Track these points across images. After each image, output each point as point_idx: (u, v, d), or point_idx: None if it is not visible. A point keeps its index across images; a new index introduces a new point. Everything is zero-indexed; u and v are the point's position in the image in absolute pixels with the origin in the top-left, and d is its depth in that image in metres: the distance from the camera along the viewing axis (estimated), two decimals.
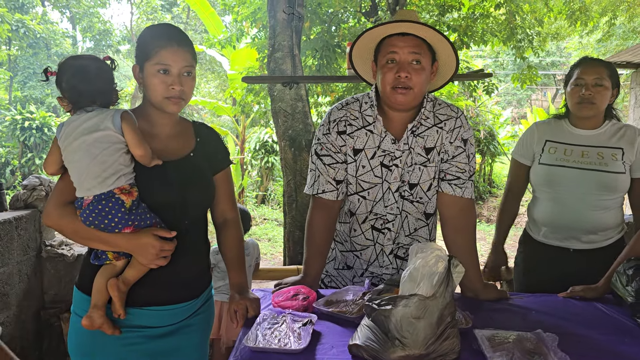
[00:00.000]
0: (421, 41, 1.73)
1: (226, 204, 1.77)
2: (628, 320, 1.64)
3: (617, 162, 2.10)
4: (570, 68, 2.22)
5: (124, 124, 1.46)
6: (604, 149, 2.13)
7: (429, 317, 1.27)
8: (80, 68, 1.49)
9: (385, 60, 1.75)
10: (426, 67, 1.75)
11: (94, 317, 1.46)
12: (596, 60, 2.17)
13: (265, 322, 1.54)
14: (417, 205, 1.92)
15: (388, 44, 1.75)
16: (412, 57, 1.72)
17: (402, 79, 1.71)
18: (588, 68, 2.13)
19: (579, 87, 2.12)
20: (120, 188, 1.45)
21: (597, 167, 2.10)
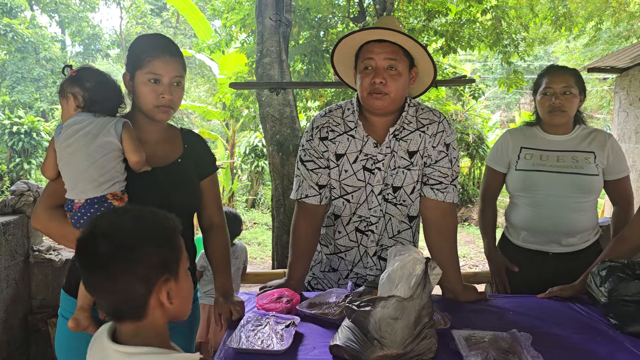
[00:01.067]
0: (398, 47, 1.78)
1: (213, 209, 1.81)
2: (601, 319, 1.69)
3: (590, 164, 2.17)
4: (538, 76, 2.28)
5: (124, 132, 1.51)
6: (577, 153, 2.20)
7: (406, 318, 1.32)
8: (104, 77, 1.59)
9: (363, 66, 1.80)
10: (403, 72, 1.79)
11: (79, 319, 1.48)
12: (563, 68, 2.23)
13: (249, 324, 1.57)
14: (400, 208, 1.97)
15: (366, 50, 1.80)
16: (387, 63, 1.76)
17: (377, 85, 1.76)
18: (556, 77, 2.19)
19: (548, 96, 2.19)
20: (113, 194, 1.48)
21: (573, 170, 2.16)
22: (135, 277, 1.02)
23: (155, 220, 1.08)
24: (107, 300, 1.06)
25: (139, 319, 1.05)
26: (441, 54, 7.59)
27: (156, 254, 1.04)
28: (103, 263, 1.01)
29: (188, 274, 1.13)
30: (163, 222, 1.09)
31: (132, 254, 1.02)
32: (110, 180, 1.47)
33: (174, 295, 1.07)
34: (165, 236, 1.08)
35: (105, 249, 1.01)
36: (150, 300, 1.04)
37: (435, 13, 7.25)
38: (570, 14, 7.72)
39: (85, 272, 1.05)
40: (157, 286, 1.04)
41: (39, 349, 3.03)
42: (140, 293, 1.03)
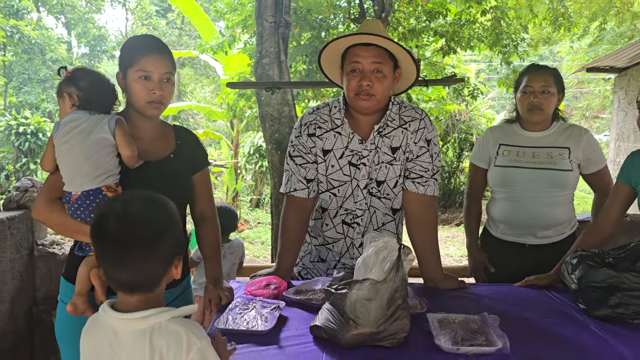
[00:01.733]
0: (383, 50, 1.87)
1: (204, 202, 1.91)
2: (571, 305, 1.78)
3: (564, 160, 2.26)
4: (519, 75, 2.37)
5: (116, 128, 1.61)
6: (552, 149, 2.29)
7: (379, 299, 1.41)
8: (98, 77, 1.69)
9: (350, 68, 1.89)
10: (388, 74, 1.88)
11: (77, 304, 1.58)
12: (543, 68, 2.32)
13: (237, 308, 1.68)
14: (384, 201, 2.06)
15: (352, 53, 1.89)
16: (374, 67, 1.86)
17: (364, 87, 1.86)
18: (535, 76, 2.28)
19: (527, 94, 2.28)
20: (107, 186, 1.59)
21: (547, 165, 2.25)
22: (161, 258, 1.19)
23: (169, 205, 1.25)
24: (130, 275, 1.18)
25: (151, 290, 1.20)
26: (441, 55, 7.67)
27: (176, 237, 1.22)
28: (137, 244, 1.16)
29: None
30: (173, 207, 1.26)
31: (163, 237, 1.18)
32: (105, 174, 1.58)
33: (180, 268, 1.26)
34: (177, 220, 1.25)
35: (140, 232, 1.15)
36: (165, 275, 1.22)
37: (435, 14, 7.34)
38: (569, 15, 7.78)
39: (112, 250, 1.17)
40: (174, 262, 1.22)
41: (42, 339, 3.14)
42: (160, 270, 1.20)
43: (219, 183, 12.73)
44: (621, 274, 1.67)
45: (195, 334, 1.16)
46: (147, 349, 1.14)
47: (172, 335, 1.14)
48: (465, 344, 1.40)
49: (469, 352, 1.38)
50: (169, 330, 1.15)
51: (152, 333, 1.15)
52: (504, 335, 1.43)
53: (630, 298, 1.64)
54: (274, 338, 1.50)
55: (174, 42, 21.18)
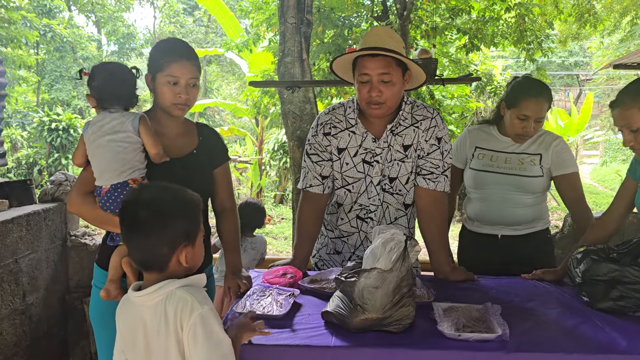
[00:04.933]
0: (390, 59, 1.93)
1: (224, 195, 2.04)
2: (575, 297, 1.85)
3: (535, 166, 2.34)
4: (515, 88, 2.30)
5: (141, 127, 1.74)
6: (524, 155, 2.36)
7: (386, 287, 1.51)
8: (110, 73, 1.79)
9: (359, 78, 1.98)
10: (397, 81, 1.96)
11: (110, 290, 1.72)
12: (540, 93, 2.25)
13: (255, 295, 1.79)
14: (396, 197, 2.16)
15: (360, 64, 1.97)
16: (381, 77, 1.94)
17: (374, 97, 1.95)
18: (533, 104, 2.23)
19: (520, 121, 2.27)
20: (133, 179, 1.72)
21: (517, 172, 2.34)
22: (163, 240, 1.33)
23: (186, 198, 1.40)
24: (140, 254, 1.37)
25: (162, 270, 1.36)
26: (465, 52, 7.68)
27: (182, 225, 1.35)
28: (141, 225, 1.33)
29: (202, 242, 1.43)
30: (190, 199, 1.41)
31: (165, 222, 1.33)
32: (130, 169, 1.71)
33: (190, 258, 1.38)
34: (190, 210, 1.39)
35: (145, 215, 1.33)
36: (172, 259, 1.35)
37: (458, 11, 7.35)
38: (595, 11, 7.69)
39: (127, 229, 1.37)
40: (178, 249, 1.35)
41: (75, 325, 3.32)
42: (165, 252, 1.34)
43: (243, 179, 12.94)
44: (623, 268, 1.74)
45: (199, 300, 1.30)
46: (162, 315, 1.30)
47: (180, 301, 1.29)
48: (467, 331, 1.49)
49: (469, 338, 1.46)
50: (177, 297, 1.30)
51: (166, 302, 1.30)
52: (505, 324, 1.51)
53: (632, 291, 1.70)
54: (288, 322, 1.61)
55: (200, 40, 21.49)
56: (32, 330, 3.01)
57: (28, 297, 2.97)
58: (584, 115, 14.87)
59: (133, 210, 1.35)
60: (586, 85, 25.34)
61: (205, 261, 1.99)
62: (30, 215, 2.97)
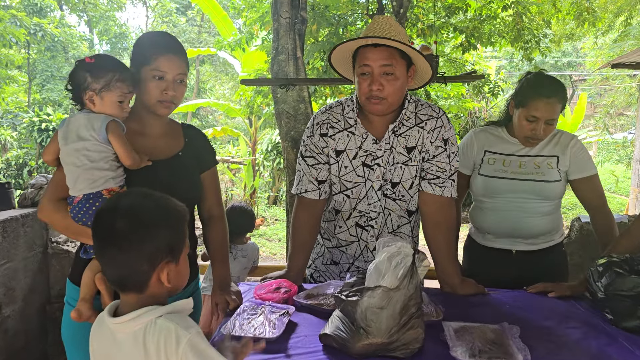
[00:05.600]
0: (394, 50, 1.77)
1: (212, 201, 1.86)
2: (598, 315, 1.69)
3: (552, 170, 2.12)
4: (525, 86, 2.10)
5: (110, 136, 1.53)
6: (540, 158, 2.15)
7: (392, 308, 1.34)
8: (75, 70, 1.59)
9: (360, 71, 1.81)
10: (400, 75, 1.79)
11: (82, 310, 1.54)
12: (552, 92, 2.04)
13: (245, 313, 1.62)
14: (399, 203, 1.99)
15: (361, 55, 1.80)
16: (383, 69, 1.77)
17: (374, 91, 1.78)
18: (543, 105, 2.02)
19: (530, 122, 2.06)
20: (108, 189, 1.54)
21: (534, 177, 2.12)
22: (142, 255, 1.14)
23: (170, 208, 1.20)
24: (114, 271, 1.17)
25: (140, 291, 1.16)
26: (461, 51, 7.53)
27: (165, 238, 1.16)
28: (118, 237, 1.13)
29: (187, 259, 1.24)
30: (176, 210, 1.21)
31: (144, 234, 1.13)
32: (103, 178, 1.52)
33: (172, 276, 1.18)
34: (174, 223, 1.19)
35: (123, 225, 1.13)
36: (152, 277, 1.15)
37: (454, 9, 7.21)
38: (594, 10, 7.57)
39: (100, 242, 1.17)
40: (159, 266, 1.16)
41: (56, 337, 3.12)
42: (144, 269, 1.14)
43: (236, 180, 12.76)
44: None
45: (184, 326, 1.12)
46: (142, 349, 1.11)
47: (162, 332, 1.11)
48: (484, 357, 1.33)
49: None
50: (159, 327, 1.11)
51: (145, 332, 1.12)
52: (525, 348, 1.35)
53: None
54: (282, 346, 1.44)
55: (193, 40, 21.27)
56: (8, 345, 2.82)
57: (4, 309, 2.78)
58: (577, 115, 14.78)
59: (108, 220, 1.16)
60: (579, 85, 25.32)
61: (191, 275, 1.81)
62: (6, 222, 2.78)
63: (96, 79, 1.54)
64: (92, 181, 1.51)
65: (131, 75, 1.60)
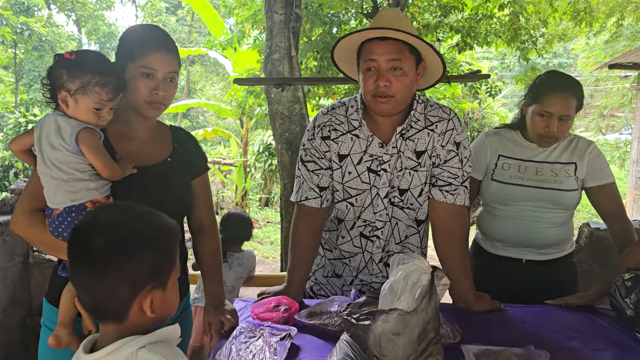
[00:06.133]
0: (402, 44, 1.63)
1: (203, 210, 1.71)
2: (627, 334, 1.55)
3: (570, 178, 2.01)
4: (538, 83, 2.01)
5: (82, 147, 1.36)
6: (557, 165, 2.03)
7: (409, 333, 1.19)
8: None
9: (365, 67, 1.67)
10: (409, 71, 1.65)
11: (60, 336, 1.38)
12: (566, 87, 1.96)
13: (242, 336, 1.46)
14: (407, 212, 1.84)
15: (367, 49, 1.66)
16: (391, 64, 1.63)
17: (381, 88, 1.63)
18: (557, 100, 1.93)
19: (544, 118, 1.96)
20: (92, 201, 1.37)
21: (552, 185, 2.00)
22: (123, 279, 0.97)
23: (157, 224, 1.04)
24: (89, 296, 1.02)
25: (120, 321, 1.00)
26: (457, 51, 7.42)
27: (150, 260, 0.99)
28: (94, 257, 0.97)
29: (176, 285, 1.07)
30: (164, 227, 1.05)
31: (126, 254, 0.97)
32: (85, 189, 1.36)
33: (158, 304, 1.02)
34: (162, 242, 1.03)
35: (100, 243, 0.97)
36: (132, 305, 0.99)
37: (450, 8, 7.09)
38: (591, 9, 7.48)
39: (75, 263, 1.01)
40: (142, 292, 0.99)
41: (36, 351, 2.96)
42: (124, 296, 0.98)
43: (228, 181, 12.57)
44: None
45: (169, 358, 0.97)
46: None
47: None
48: None
49: None
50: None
51: None
52: None
53: None
54: None
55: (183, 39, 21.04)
56: None
57: None
58: None
59: (84, 238, 1.00)
60: None
61: (182, 292, 1.65)
62: None
63: (72, 78, 1.36)
64: (72, 193, 1.34)
65: (116, 80, 1.41)
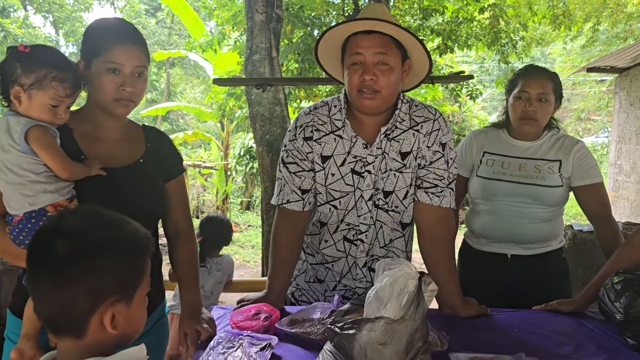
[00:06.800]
0: (389, 39, 1.59)
1: (179, 215, 1.63)
2: (617, 339, 1.51)
3: (553, 175, 2.01)
4: (515, 75, 2.09)
5: (33, 146, 1.27)
6: (541, 162, 2.03)
7: (396, 343, 1.13)
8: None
9: (351, 61, 1.62)
10: (395, 67, 1.61)
11: (23, 349, 1.30)
12: (541, 71, 2.04)
13: (220, 346, 1.39)
14: (392, 215, 1.79)
15: (353, 43, 1.61)
16: (377, 58, 1.59)
17: (367, 82, 1.58)
18: (532, 80, 2.00)
19: (522, 100, 2.00)
20: (54, 205, 1.29)
21: (534, 180, 2.00)
22: (83, 290, 0.88)
23: (126, 234, 0.95)
24: (45, 307, 0.92)
25: (78, 336, 0.91)
26: (438, 54, 7.42)
27: (114, 271, 0.90)
28: (53, 264, 0.89)
29: (144, 301, 0.98)
30: (134, 237, 0.96)
31: (89, 263, 0.89)
32: (42, 192, 1.28)
33: (122, 320, 0.92)
34: (130, 254, 0.94)
35: (61, 250, 0.88)
36: (92, 319, 0.90)
37: (431, 11, 7.10)
38: (570, 13, 7.55)
39: (33, 270, 0.93)
40: (103, 305, 0.90)
41: None
42: (83, 309, 0.89)
43: (208, 185, 12.42)
44: None
45: None
46: None
47: None
48: None
49: None
50: None
51: None
52: None
53: None
54: None
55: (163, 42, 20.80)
56: None
57: None
58: None
59: (43, 244, 0.92)
60: None
61: (158, 299, 1.58)
62: None
63: (27, 72, 1.27)
64: (29, 197, 1.26)
65: (74, 76, 1.33)
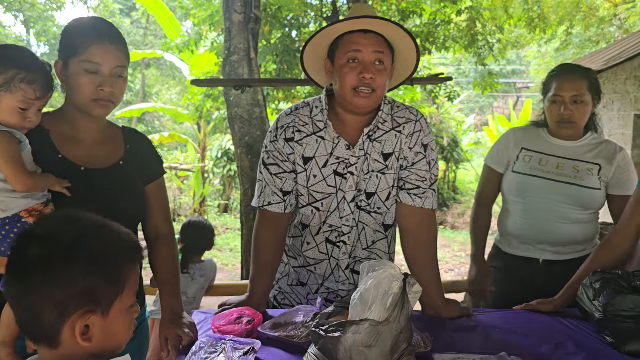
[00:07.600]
0: (382, 39, 1.61)
1: (159, 217, 1.60)
2: (595, 337, 1.53)
3: (592, 177, 1.99)
4: (548, 77, 2.08)
5: None
6: (580, 163, 2.02)
7: (381, 345, 1.13)
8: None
9: (347, 58, 1.61)
10: (388, 67, 1.63)
11: (0, 356, 1.26)
12: (574, 71, 2.01)
13: (202, 351, 1.36)
14: (374, 216, 1.78)
15: (349, 41, 1.61)
16: (375, 57, 1.59)
17: (367, 80, 1.58)
18: (566, 82, 1.97)
19: (556, 104, 1.99)
20: (28, 210, 1.25)
21: (572, 180, 1.99)
22: (48, 298, 0.86)
23: (104, 240, 0.91)
24: (19, 314, 0.91)
25: (52, 346, 0.89)
26: None
27: (83, 281, 0.87)
28: (24, 270, 0.87)
29: (128, 312, 0.94)
30: (112, 244, 0.92)
31: (54, 271, 0.85)
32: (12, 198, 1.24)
33: (97, 332, 0.89)
34: (105, 262, 0.90)
35: (32, 256, 0.86)
36: (63, 329, 0.87)
37: (409, 13, 7.15)
38: (544, 16, 7.69)
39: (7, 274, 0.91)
40: (72, 317, 0.87)
41: None
42: (50, 319, 0.86)
43: (185, 187, 12.30)
44: None
45: None
46: None
47: None
48: None
49: None
50: None
51: None
52: None
53: None
54: None
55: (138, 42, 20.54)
56: None
57: None
58: (523, 120, 15.19)
59: (18, 249, 0.90)
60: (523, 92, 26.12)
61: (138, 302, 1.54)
62: None
63: None
64: (0, 202, 1.22)
65: (44, 77, 1.30)
